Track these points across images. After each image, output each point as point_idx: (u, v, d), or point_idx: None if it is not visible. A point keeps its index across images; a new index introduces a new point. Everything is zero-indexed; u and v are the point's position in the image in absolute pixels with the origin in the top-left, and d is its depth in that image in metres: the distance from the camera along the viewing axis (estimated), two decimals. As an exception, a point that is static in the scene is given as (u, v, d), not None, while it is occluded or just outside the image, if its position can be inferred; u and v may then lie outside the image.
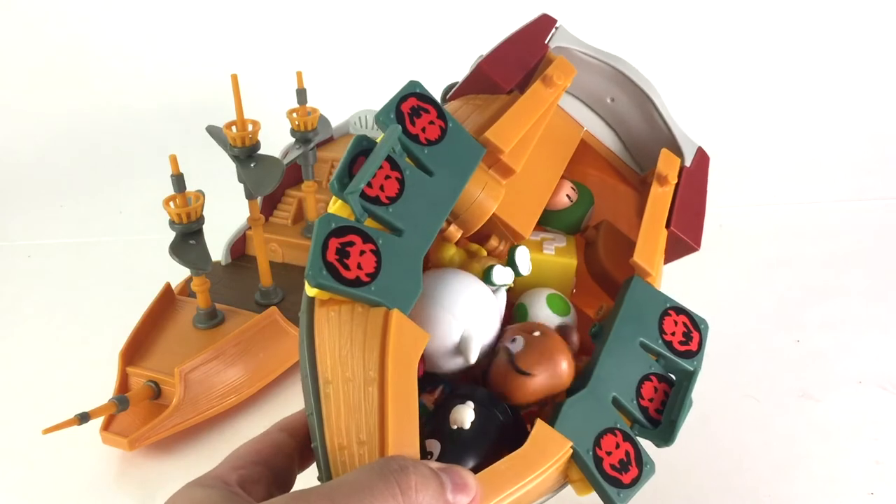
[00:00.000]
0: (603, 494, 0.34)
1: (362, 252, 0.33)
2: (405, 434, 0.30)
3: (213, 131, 0.61)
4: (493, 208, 0.38)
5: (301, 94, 0.68)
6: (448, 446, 0.33)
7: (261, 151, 0.61)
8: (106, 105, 1.10)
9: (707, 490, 0.48)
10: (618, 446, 0.35)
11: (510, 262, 0.41)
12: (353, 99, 0.88)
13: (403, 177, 0.35)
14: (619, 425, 0.36)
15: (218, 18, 1.14)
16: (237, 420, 0.59)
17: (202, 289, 0.60)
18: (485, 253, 0.41)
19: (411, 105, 0.37)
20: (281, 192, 0.77)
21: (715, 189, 0.91)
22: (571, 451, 0.34)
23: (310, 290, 0.33)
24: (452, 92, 0.46)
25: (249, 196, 0.62)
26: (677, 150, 0.50)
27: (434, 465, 0.30)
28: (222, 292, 0.67)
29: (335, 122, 0.79)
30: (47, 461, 0.55)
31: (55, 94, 1.10)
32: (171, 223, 0.57)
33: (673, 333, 0.39)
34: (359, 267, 0.32)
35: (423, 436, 0.33)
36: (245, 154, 0.60)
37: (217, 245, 0.69)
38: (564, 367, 0.36)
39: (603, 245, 0.44)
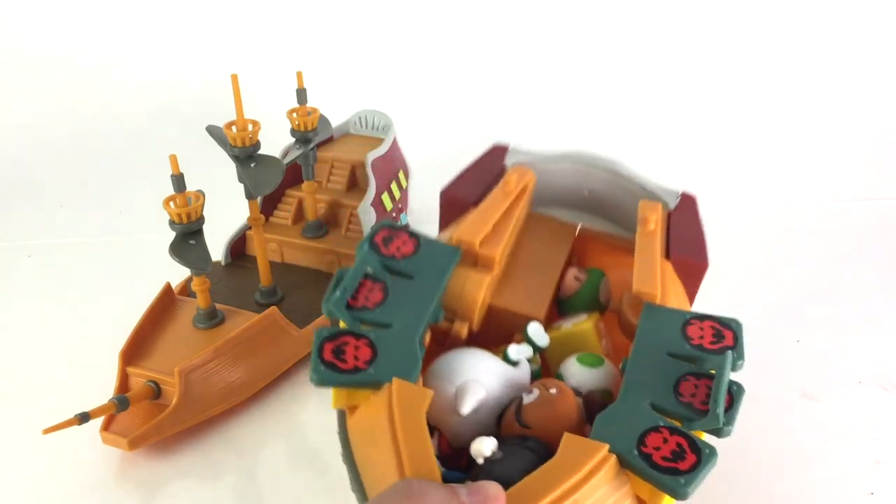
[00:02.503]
0: (662, 486, 0.34)
1: (357, 347, 0.37)
2: (420, 460, 0.32)
3: (213, 131, 0.61)
4: (480, 296, 0.42)
5: (301, 94, 0.68)
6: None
7: (261, 151, 0.61)
8: (106, 105, 1.10)
9: (707, 490, 0.48)
10: (665, 441, 0.35)
11: (525, 338, 0.44)
12: (353, 99, 0.88)
13: (386, 285, 0.40)
14: (662, 423, 0.36)
15: (218, 18, 1.14)
16: (237, 420, 0.59)
17: (202, 289, 0.60)
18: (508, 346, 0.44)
19: (383, 236, 0.43)
20: (281, 192, 0.77)
21: (715, 189, 0.92)
22: (611, 455, 0.34)
23: (334, 403, 0.37)
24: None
25: (249, 196, 0.62)
26: (658, 201, 0.54)
27: (455, 485, 0.31)
28: (222, 292, 0.67)
29: (335, 122, 0.79)
30: (47, 461, 0.55)
31: (55, 94, 1.10)
32: (171, 223, 0.57)
33: (701, 337, 0.40)
34: (355, 358, 0.36)
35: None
36: (245, 154, 0.60)
37: (217, 245, 0.69)
38: (563, 428, 0.36)
39: (628, 308, 0.46)
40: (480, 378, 0.40)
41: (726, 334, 0.41)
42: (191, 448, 0.56)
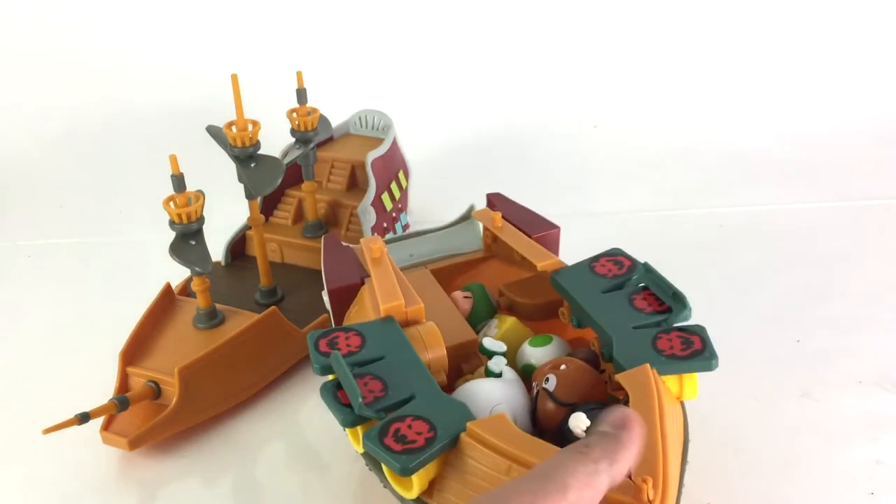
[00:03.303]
0: (695, 367, 0.41)
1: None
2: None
3: (213, 131, 0.61)
4: (440, 336, 0.46)
5: (301, 94, 0.68)
6: None
7: (261, 151, 0.61)
8: (106, 105, 1.10)
9: (707, 490, 0.48)
10: (670, 341, 0.43)
11: (486, 353, 0.49)
12: (353, 99, 0.88)
13: (376, 375, 0.42)
14: (658, 330, 0.44)
15: (218, 18, 1.14)
16: (237, 420, 0.59)
17: (202, 289, 0.60)
18: (479, 368, 0.49)
19: (324, 342, 0.45)
20: (281, 192, 0.77)
21: (715, 189, 0.92)
22: (653, 368, 0.41)
23: (416, 492, 0.38)
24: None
25: (249, 196, 0.62)
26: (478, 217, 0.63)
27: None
28: (222, 292, 0.67)
29: (335, 122, 0.79)
30: (47, 461, 0.55)
31: (55, 93, 1.10)
32: (171, 223, 0.57)
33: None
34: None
35: None
36: (245, 154, 0.60)
37: (217, 245, 0.69)
38: (593, 385, 0.43)
39: (515, 292, 0.55)
40: (493, 402, 0.43)
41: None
42: (191, 448, 0.56)
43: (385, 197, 0.76)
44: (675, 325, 0.45)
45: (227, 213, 0.72)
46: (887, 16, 1.09)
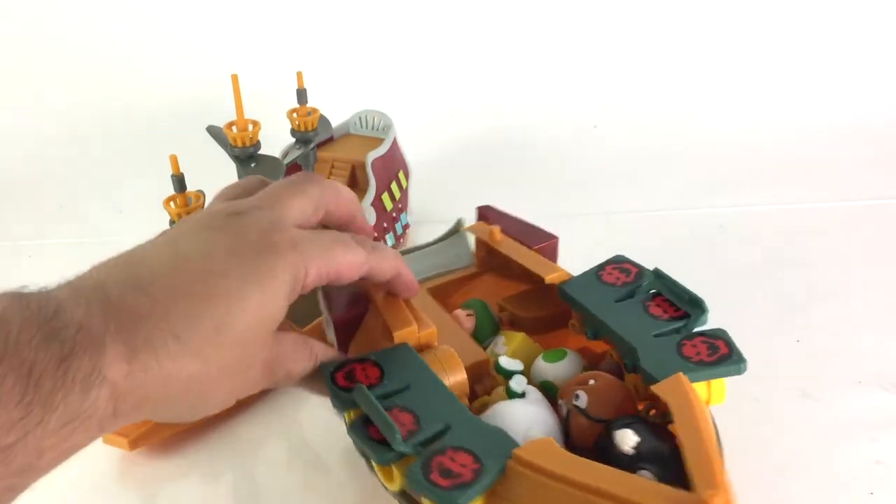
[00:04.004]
0: (722, 372, 0.41)
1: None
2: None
3: (213, 131, 0.61)
4: (459, 359, 0.44)
5: (301, 94, 0.69)
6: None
7: (261, 151, 0.61)
8: (106, 105, 1.10)
9: (707, 490, 0.48)
10: (695, 346, 0.42)
11: (503, 372, 0.47)
12: (354, 99, 0.88)
13: (408, 407, 0.39)
14: (683, 336, 0.43)
15: (218, 18, 1.14)
16: (237, 420, 0.59)
17: (202, 289, 0.60)
18: (496, 388, 0.48)
19: (342, 375, 0.42)
20: (281, 192, 0.77)
21: (715, 189, 0.92)
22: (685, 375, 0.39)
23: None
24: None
25: (249, 196, 0.62)
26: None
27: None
28: (222, 292, 0.67)
29: (335, 122, 0.79)
30: (47, 461, 0.55)
31: (55, 93, 1.10)
32: (172, 223, 0.57)
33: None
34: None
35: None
36: (245, 154, 0.60)
37: (217, 245, 0.69)
38: (622, 398, 0.43)
39: (516, 307, 0.55)
40: (526, 425, 0.41)
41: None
42: (191, 448, 0.56)
43: (385, 197, 0.76)
44: (696, 329, 0.44)
45: (227, 213, 0.72)
46: (887, 15, 1.09)
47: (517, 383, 0.45)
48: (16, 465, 0.28)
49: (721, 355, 0.41)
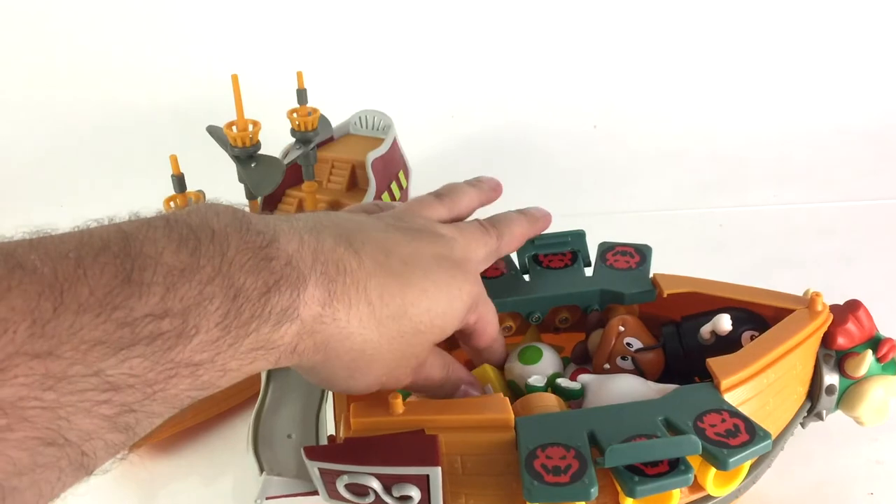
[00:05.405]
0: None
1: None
2: None
3: (213, 131, 0.61)
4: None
5: (301, 94, 0.68)
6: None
7: (261, 151, 0.61)
8: (106, 105, 1.10)
9: (707, 490, 0.48)
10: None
11: (529, 389, 0.45)
12: (354, 99, 0.88)
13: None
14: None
15: (218, 18, 1.14)
16: (237, 420, 0.59)
17: (202, 289, 0.60)
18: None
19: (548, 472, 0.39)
20: (281, 192, 0.77)
21: (715, 189, 0.92)
22: None
23: None
24: None
25: (249, 196, 0.62)
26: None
27: None
28: (222, 292, 0.67)
29: (335, 122, 0.79)
30: (47, 461, 0.55)
31: (55, 93, 1.10)
32: (172, 223, 0.57)
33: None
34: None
35: None
36: (245, 154, 0.60)
37: (217, 245, 0.69)
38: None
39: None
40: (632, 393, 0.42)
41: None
42: (191, 448, 0.56)
43: (385, 197, 0.76)
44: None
45: (227, 213, 0.72)
46: (887, 16, 1.09)
47: (566, 384, 0.44)
48: (201, 381, 0.30)
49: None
